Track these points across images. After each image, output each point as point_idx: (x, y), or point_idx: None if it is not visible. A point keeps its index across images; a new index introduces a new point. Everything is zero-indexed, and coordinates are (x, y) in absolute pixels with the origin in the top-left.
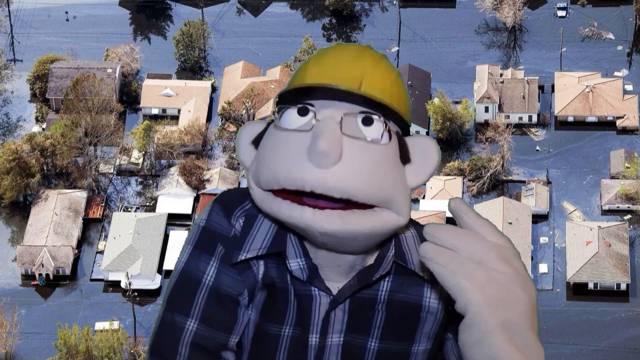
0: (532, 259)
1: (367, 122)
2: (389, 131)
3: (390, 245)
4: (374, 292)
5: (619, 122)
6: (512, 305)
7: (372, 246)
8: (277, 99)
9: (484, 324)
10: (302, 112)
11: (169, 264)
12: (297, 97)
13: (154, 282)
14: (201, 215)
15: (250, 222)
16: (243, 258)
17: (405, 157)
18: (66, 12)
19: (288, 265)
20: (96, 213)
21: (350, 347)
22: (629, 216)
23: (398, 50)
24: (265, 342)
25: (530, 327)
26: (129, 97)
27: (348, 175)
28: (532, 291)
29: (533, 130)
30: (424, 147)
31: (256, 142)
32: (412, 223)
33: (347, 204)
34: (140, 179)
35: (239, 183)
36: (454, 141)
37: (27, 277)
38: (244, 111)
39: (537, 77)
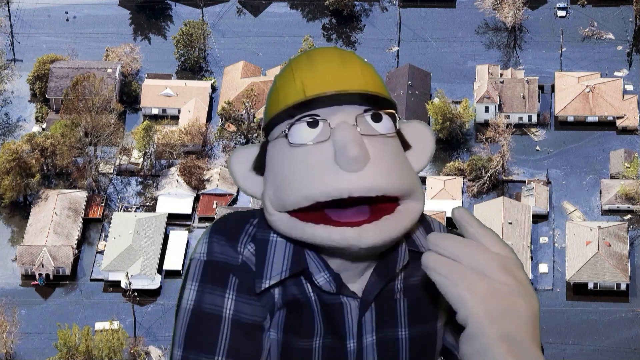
0: (532, 259)
1: (377, 118)
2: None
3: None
4: (392, 283)
5: (619, 122)
6: (514, 316)
7: None
8: (266, 122)
9: (485, 336)
10: (312, 125)
11: (169, 264)
12: (294, 111)
13: (154, 282)
14: (198, 249)
15: (263, 247)
16: (267, 285)
17: (405, 143)
18: (66, 12)
19: (315, 281)
20: (96, 213)
21: (384, 343)
22: (629, 216)
23: (398, 50)
24: (297, 358)
25: (532, 339)
26: (129, 97)
27: (379, 173)
28: (534, 302)
29: (533, 130)
30: (418, 131)
31: (257, 168)
32: None
33: (373, 202)
34: (140, 179)
35: None
36: (454, 141)
37: (27, 277)
38: (244, 111)
39: (537, 77)
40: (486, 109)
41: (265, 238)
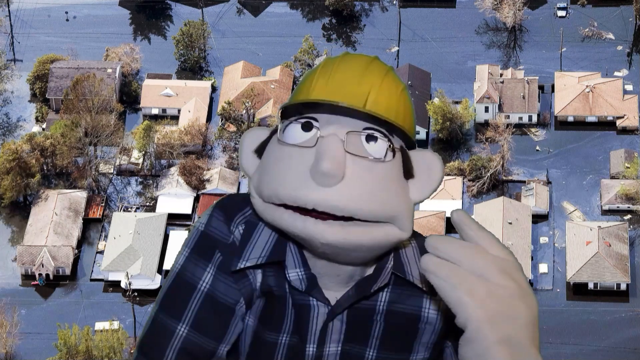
0: (532, 259)
1: (371, 139)
2: (393, 148)
3: (389, 256)
4: (373, 303)
5: (619, 122)
6: (513, 320)
7: (372, 258)
8: (281, 110)
9: (484, 340)
10: (306, 128)
11: (169, 264)
12: (301, 109)
13: (154, 282)
14: (201, 218)
15: (251, 230)
16: (242, 266)
17: (408, 172)
18: (66, 12)
19: (287, 275)
20: (96, 213)
21: (348, 357)
22: (629, 216)
23: (398, 50)
24: (262, 349)
25: (531, 342)
26: (129, 97)
27: (350, 195)
28: (534, 305)
29: (533, 130)
30: (427, 162)
31: (259, 150)
32: (413, 234)
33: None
34: (140, 179)
35: (239, 183)
36: (454, 141)
37: (27, 277)
38: (244, 111)
39: (537, 77)
40: (486, 109)
41: (255, 222)
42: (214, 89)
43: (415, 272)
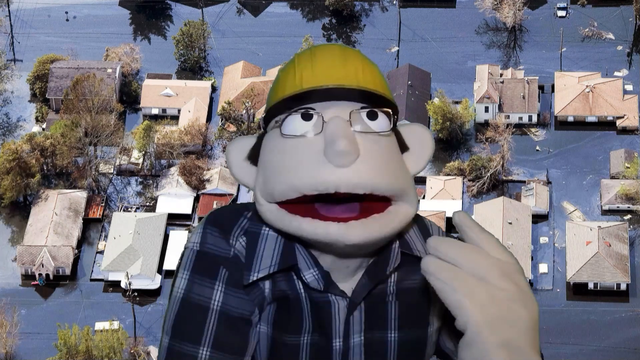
0: (532, 259)
1: (372, 116)
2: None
3: (394, 237)
4: (384, 286)
5: (619, 122)
6: (513, 323)
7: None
8: (265, 113)
9: (484, 343)
10: (306, 117)
11: (169, 264)
12: (292, 104)
13: (154, 282)
14: (192, 239)
15: (254, 240)
16: (255, 278)
17: (403, 145)
18: (66, 12)
19: (303, 277)
20: (96, 213)
21: (371, 344)
22: (629, 216)
23: (398, 50)
24: (285, 353)
25: (531, 345)
26: (129, 97)
27: (369, 170)
28: (534, 308)
29: (533, 130)
30: (418, 134)
31: (251, 157)
32: None
33: (364, 200)
34: (140, 179)
35: (239, 184)
36: (454, 141)
37: (27, 277)
38: (244, 111)
39: (537, 77)
40: (486, 109)
41: (257, 231)
42: (214, 89)
43: (420, 247)
